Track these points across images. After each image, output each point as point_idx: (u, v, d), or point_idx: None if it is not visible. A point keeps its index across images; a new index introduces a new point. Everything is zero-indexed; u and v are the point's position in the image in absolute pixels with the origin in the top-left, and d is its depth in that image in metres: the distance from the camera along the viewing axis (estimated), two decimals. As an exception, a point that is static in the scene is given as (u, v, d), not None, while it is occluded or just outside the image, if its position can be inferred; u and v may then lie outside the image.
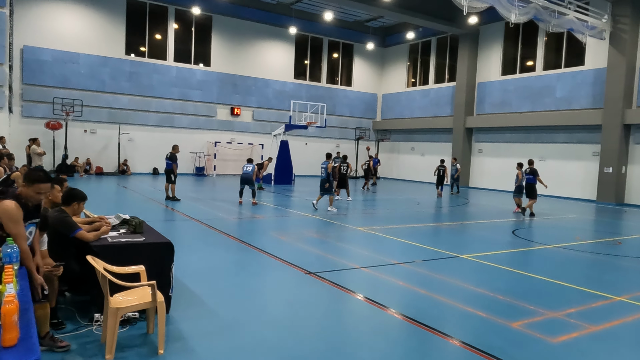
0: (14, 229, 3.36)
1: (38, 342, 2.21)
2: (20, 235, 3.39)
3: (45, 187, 3.59)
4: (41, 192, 3.55)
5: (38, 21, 21.46)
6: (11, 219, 3.36)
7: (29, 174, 3.52)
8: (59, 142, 21.49)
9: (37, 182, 3.52)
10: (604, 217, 15.31)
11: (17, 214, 3.38)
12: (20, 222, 3.41)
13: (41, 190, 3.54)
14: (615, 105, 18.95)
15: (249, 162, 14.66)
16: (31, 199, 3.53)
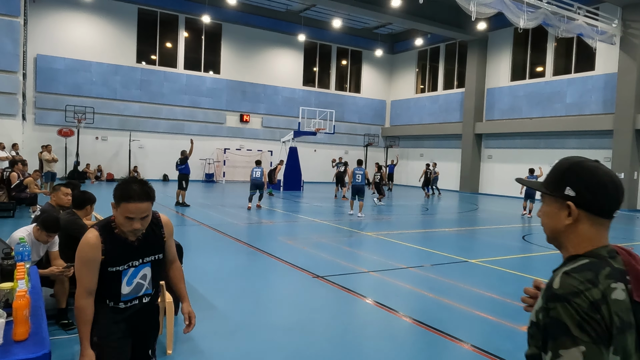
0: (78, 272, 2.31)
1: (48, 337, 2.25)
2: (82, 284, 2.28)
3: (138, 208, 2.19)
4: (132, 217, 2.19)
5: (51, 30, 21.83)
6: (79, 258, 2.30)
7: (116, 188, 2.25)
8: (70, 149, 21.76)
9: (124, 199, 2.19)
10: (616, 223, 15.09)
11: (87, 252, 2.25)
12: (89, 265, 2.25)
13: (131, 214, 2.19)
14: (626, 110, 18.77)
15: (258, 165, 14.66)
16: (123, 227, 2.25)
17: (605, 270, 1.21)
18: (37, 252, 4.32)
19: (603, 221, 1.31)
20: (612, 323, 1.14)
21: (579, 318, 1.13)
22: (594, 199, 1.28)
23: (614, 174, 1.32)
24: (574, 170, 1.32)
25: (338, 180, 20.23)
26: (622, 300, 1.18)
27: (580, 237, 1.32)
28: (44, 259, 4.43)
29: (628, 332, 1.18)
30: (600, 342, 1.12)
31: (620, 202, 1.31)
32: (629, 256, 1.28)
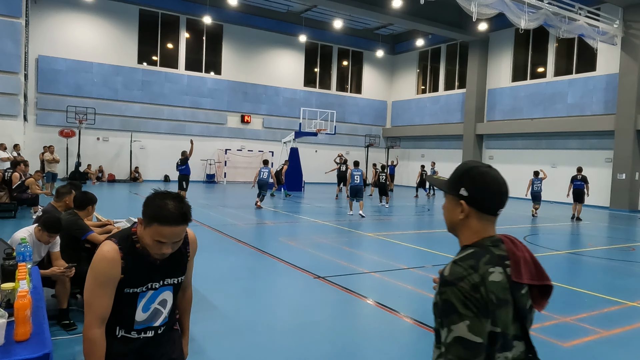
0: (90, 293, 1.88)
1: (50, 337, 2.25)
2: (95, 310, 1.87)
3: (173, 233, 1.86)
4: (163, 241, 1.86)
5: (53, 31, 21.87)
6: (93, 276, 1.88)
7: (149, 205, 1.87)
8: (72, 150, 21.79)
9: (157, 220, 1.84)
10: (617, 223, 15.11)
11: (104, 269, 1.87)
12: (105, 285, 1.87)
13: (164, 238, 1.85)
14: (628, 110, 18.75)
15: (266, 165, 14.78)
16: (150, 250, 1.91)
17: (485, 257, 1.46)
18: (39, 253, 4.33)
19: (489, 217, 1.56)
20: (489, 300, 1.39)
21: (463, 298, 1.37)
22: (481, 199, 1.53)
23: (500, 179, 1.55)
24: (468, 174, 1.56)
25: (340, 180, 20.26)
26: (499, 282, 1.42)
27: (470, 230, 1.56)
28: (46, 260, 4.43)
29: (504, 308, 1.42)
30: (481, 316, 1.37)
31: (503, 203, 1.56)
32: (512, 243, 1.53)
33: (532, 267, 1.52)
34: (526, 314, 1.51)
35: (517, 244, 1.55)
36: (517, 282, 1.46)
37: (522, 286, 1.49)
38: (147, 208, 1.87)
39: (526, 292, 1.51)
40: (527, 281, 1.48)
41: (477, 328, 1.36)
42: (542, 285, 1.53)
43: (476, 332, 1.35)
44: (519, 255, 1.51)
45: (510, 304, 1.45)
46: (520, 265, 1.49)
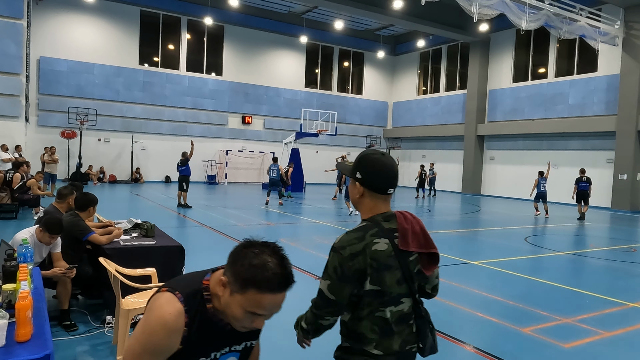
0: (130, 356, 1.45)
1: (51, 338, 2.25)
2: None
3: (274, 302, 1.47)
4: (260, 313, 1.47)
5: (54, 32, 21.91)
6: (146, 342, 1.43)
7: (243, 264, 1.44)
8: (73, 151, 21.81)
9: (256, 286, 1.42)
10: (619, 224, 15.09)
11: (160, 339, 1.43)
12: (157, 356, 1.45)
13: (261, 310, 1.46)
14: (629, 111, 18.74)
15: (275, 162, 14.87)
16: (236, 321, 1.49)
17: (372, 230, 1.78)
18: (40, 254, 4.34)
19: (380, 196, 1.87)
20: (367, 266, 1.72)
21: (336, 264, 1.74)
22: (372, 181, 1.84)
23: (389, 165, 1.86)
24: (362, 160, 1.88)
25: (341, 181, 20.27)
26: (383, 250, 1.75)
27: (365, 207, 1.89)
28: (47, 261, 4.44)
29: (387, 272, 1.76)
30: (343, 281, 1.73)
31: (390, 184, 1.86)
32: (403, 218, 1.84)
33: (421, 238, 1.85)
34: (414, 277, 1.85)
35: (408, 219, 1.86)
36: (405, 250, 1.78)
37: (410, 254, 1.82)
38: (240, 267, 1.40)
39: (415, 259, 1.84)
40: (414, 249, 1.81)
41: (334, 289, 1.75)
42: (430, 253, 1.87)
43: (332, 292, 1.75)
44: (407, 228, 1.81)
45: (396, 268, 1.78)
46: (407, 236, 1.80)
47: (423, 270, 1.87)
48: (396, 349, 1.81)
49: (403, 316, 1.84)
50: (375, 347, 1.79)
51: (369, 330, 1.79)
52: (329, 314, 1.79)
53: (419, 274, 1.88)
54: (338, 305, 1.76)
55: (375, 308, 1.78)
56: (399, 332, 1.83)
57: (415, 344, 1.91)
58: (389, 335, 1.80)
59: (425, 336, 1.92)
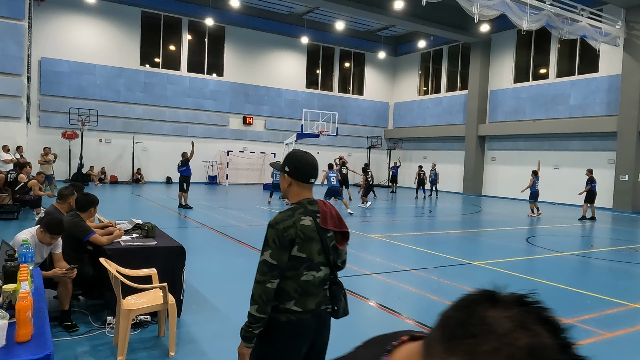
0: None
1: (51, 338, 2.25)
2: None
3: None
4: None
5: (55, 33, 21.94)
6: None
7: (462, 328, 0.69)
8: (74, 152, 21.84)
9: None
10: (620, 225, 15.06)
11: None
12: None
13: None
14: (630, 112, 18.71)
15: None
16: None
17: (299, 210, 2.26)
18: (41, 254, 4.34)
19: (304, 185, 2.35)
20: (297, 237, 2.18)
21: (274, 236, 2.18)
22: (296, 173, 2.33)
23: (310, 160, 2.38)
24: (289, 157, 2.39)
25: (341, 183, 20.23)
26: (308, 225, 2.22)
27: (293, 194, 2.36)
28: (48, 261, 4.44)
29: (311, 242, 2.22)
30: (281, 248, 2.17)
31: (311, 175, 2.36)
32: (323, 204, 2.36)
33: (336, 220, 2.36)
34: (329, 250, 2.30)
35: (327, 205, 2.39)
36: (324, 227, 2.27)
37: (328, 231, 2.30)
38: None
39: (331, 235, 2.32)
40: (331, 228, 2.30)
41: (275, 255, 2.17)
42: (342, 231, 2.37)
43: (274, 258, 2.17)
44: (326, 211, 2.33)
45: (317, 241, 2.25)
46: (326, 217, 2.30)
47: (337, 245, 2.35)
48: (312, 308, 2.26)
49: (321, 281, 2.30)
50: (295, 304, 2.22)
51: (292, 290, 2.22)
52: (273, 277, 2.16)
53: (334, 248, 2.34)
54: (279, 268, 2.17)
55: (300, 272, 2.22)
56: (316, 294, 2.27)
57: (330, 306, 2.36)
58: (307, 295, 2.24)
59: (338, 300, 2.38)
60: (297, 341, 2.24)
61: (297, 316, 2.21)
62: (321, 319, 2.31)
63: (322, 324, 2.34)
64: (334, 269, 2.39)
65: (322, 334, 2.36)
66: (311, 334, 2.28)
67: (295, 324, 2.21)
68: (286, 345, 2.22)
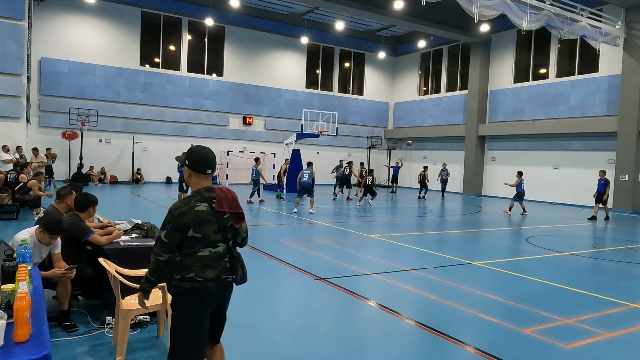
0: None
1: (49, 339, 2.25)
2: None
3: None
4: None
5: (55, 33, 21.94)
6: None
7: None
8: (74, 152, 21.83)
9: None
10: (620, 225, 15.05)
11: None
12: None
13: None
14: (630, 112, 18.71)
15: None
16: None
17: (196, 198, 2.70)
18: (40, 254, 4.33)
19: (202, 175, 2.78)
20: (191, 221, 2.63)
21: (170, 219, 2.64)
22: (195, 165, 2.77)
23: (207, 154, 2.81)
24: (189, 152, 2.84)
25: (343, 182, 20.34)
26: (203, 210, 2.67)
27: (194, 183, 2.80)
28: (47, 261, 4.44)
29: (206, 224, 2.68)
30: (173, 230, 2.63)
31: (208, 167, 2.79)
32: (219, 190, 2.78)
33: (232, 203, 2.79)
34: (227, 229, 2.76)
35: (224, 191, 2.80)
36: (220, 210, 2.72)
37: (224, 214, 2.75)
38: None
39: (228, 217, 2.78)
40: (226, 210, 2.75)
41: (168, 236, 2.64)
42: (237, 212, 2.82)
43: (167, 238, 2.65)
44: (222, 196, 2.76)
45: (213, 222, 2.70)
46: (222, 202, 2.74)
47: (234, 224, 2.82)
48: (212, 277, 2.72)
49: (219, 255, 2.75)
50: (196, 275, 2.69)
51: (191, 264, 2.68)
52: (164, 252, 2.67)
53: (232, 227, 2.81)
54: (170, 246, 2.66)
55: (197, 250, 2.68)
56: (216, 266, 2.74)
57: (230, 275, 2.83)
58: (206, 267, 2.71)
59: (236, 270, 2.84)
60: (200, 304, 2.73)
61: (200, 284, 2.69)
62: (222, 285, 2.81)
63: (224, 289, 2.85)
64: (234, 245, 2.87)
65: (224, 297, 2.90)
66: (214, 298, 2.78)
67: (198, 290, 2.70)
68: (191, 307, 2.72)
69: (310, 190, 14.65)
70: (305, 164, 15.71)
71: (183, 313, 2.73)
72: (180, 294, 2.72)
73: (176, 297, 2.74)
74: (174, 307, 2.75)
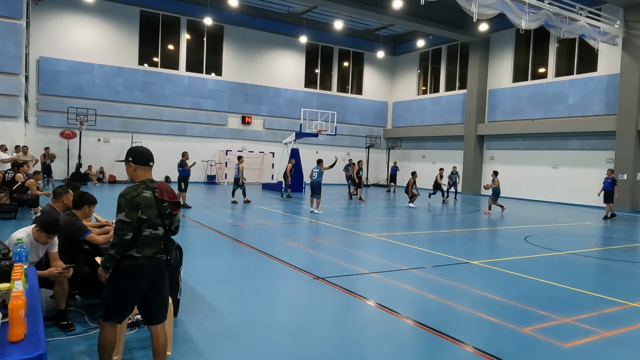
0: None
1: (44, 338, 2.23)
2: None
3: None
4: None
5: (54, 33, 21.89)
6: None
7: None
8: (73, 151, 21.79)
9: None
10: (619, 224, 15.06)
11: None
12: None
13: None
14: (629, 111, 18.72)
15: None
16: None
17: (142, 186, 3.17)
18: (37, 253, 4.31)
19: (146, 168, 3.29)
20: (140, 204, 3.11)
21: (125, 202, 3.09)
22: (138, 160, 3.27)
23: (145, 150, 3.34)
24: (129, 150, 3.34)
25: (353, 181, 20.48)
26: (148, 197, 3.14)
27: (139, 176, 3.27)
28: (44, 260, 4.42)
29: (150, 208, 3.14)
30: (131, 209, 3.08)
31: (150, 159, 3.32)
32: (160, 183, 3.26)
33: (171, 194, 3.28)
34: (165, 216, 3.25)
35: (164, 184, 3.29)
36: (161, 198, 3.20)
37: (164, 202, 3.22)
38: None
39: (167, 205, 3.24)
40: (166, 199, 3.22)
41: (129, 215, 3.08)
42: (175, 201, 3.28)
43: (127, 217, 3.08)
44: (162, 187, 3.25)
45: (155, 208, 3.18)
46: (163, 191, 3.23)
47: (172, 212, 3.29)
48: (149, 255, 3.18)
49: (158, 237, 3.22)
50: (136, 251, 3.13)
51: (135, 241, 3.12)
52: (128, 230, 3.07)
53: (169, 214, 3.28)
54: (132, 224, 3.08)
55: (142, 229, 3.14)
56: (153, 245, 3.20)
57: (164, 255, 3.29)
58: (146, 245, 3.16)
59: (170, 251, 3.32)
60: (136, 279, 3.15)
61: (137, 261, 3.13)
62: (157, 263, 3.24)
63: (158, 267, 3.26)
64: (168, 231, 3.31)
65: (158, 274, 3.27)
66: (149, 274, 3.19)
67: (135, 266, 3.13)
68: (127, 281, 3.15)
69: (318, 190, 14.52)
70: (316, 161, 15.78)
71: (119, 286, 3.17)
72: (118, 270, 3.14)
73: (114, 272, 3.15)
74: (111, 279, 3.17)
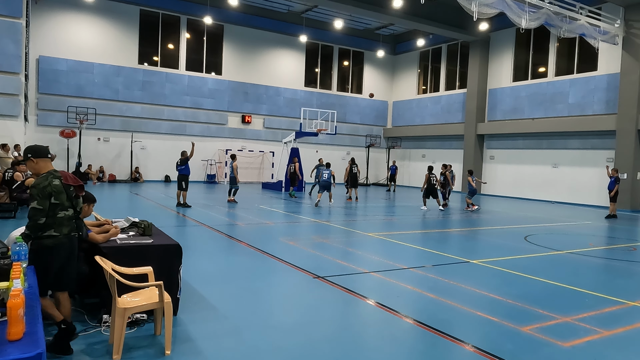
0: None
1: (43, 337, 2.23)
2: None
3: None
4: None
5: (53, 32, 21.88)
6: None
7: None
8: (73, 150, 21.79)
9: None
10: (619, 223, 15.06)
11: None
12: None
13: None
14: (629, 110, 18.71)
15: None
16: None
17: (50, 176, 3.73)
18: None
19: (46, 160, 3.87)
20: (52, 191, 3.67)
21: (37, 192, 3.63)
22: (37, 154, 3.84)
23: (40, 145, 3.97)
24: (27, 148, 3.85)
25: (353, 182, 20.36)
26: (57, 184, 3.71)
27: (41, 168, 3.82)
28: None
29: (60, 194, 3.73)
30: (43, 198, 3.63)
31: (46, 152, 3.92)
32: (63, 172, 3.87)
33: (73, 179, 3.84)
34: (72, 199, 3.81)
35: (65, 172, 3.85)
36: (67, 184, 3.75)
37: (70, 187, 3.78)
38: None
39: (73, 190, 3.81)
40: (71, 183, 3.79)
41: (42, 203, 3.59)
42: (79, 185, 3.88)
43: (41, 205, 3.59)
44: (66, 174, 3.81)
45: (64, 193, 3.72)
46: (67, 178, 3.79)
47: (78, 194, 3.90)
48: (65, 233, 3.75)
49: (70, 217, 3.79)
50: (54, 231, 3.68)
51: (52, 223, 3.67)
52: (41, 217, 3.60)
53: (76, 197, 3.87)
54: (44, 211, 3.61)
55: (57, 212, 3.68)
56: (67, 225, 3.77)
57: (76, 233, 3.89)
58: (62, 225, 3.73)
59: (81, 228, 3.98)
60: (56, 255, 3.70)
61: (57, 240, 3.69)
62: (72, 241, 3.84)
63: (73, 243, 3.86)
64: (76, 212, 3.88)
65: (74, 250, 3.87)
66: (67, 250, 3.78)
67: (54, 243, 3.68)
68: (48, 257, 3.67)
69: (329, 187, 16.49)
70: (325, 164, 17.68)
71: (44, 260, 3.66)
72: (41, 248, 3.65)
73: (38, 251, 3.62)
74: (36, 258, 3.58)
